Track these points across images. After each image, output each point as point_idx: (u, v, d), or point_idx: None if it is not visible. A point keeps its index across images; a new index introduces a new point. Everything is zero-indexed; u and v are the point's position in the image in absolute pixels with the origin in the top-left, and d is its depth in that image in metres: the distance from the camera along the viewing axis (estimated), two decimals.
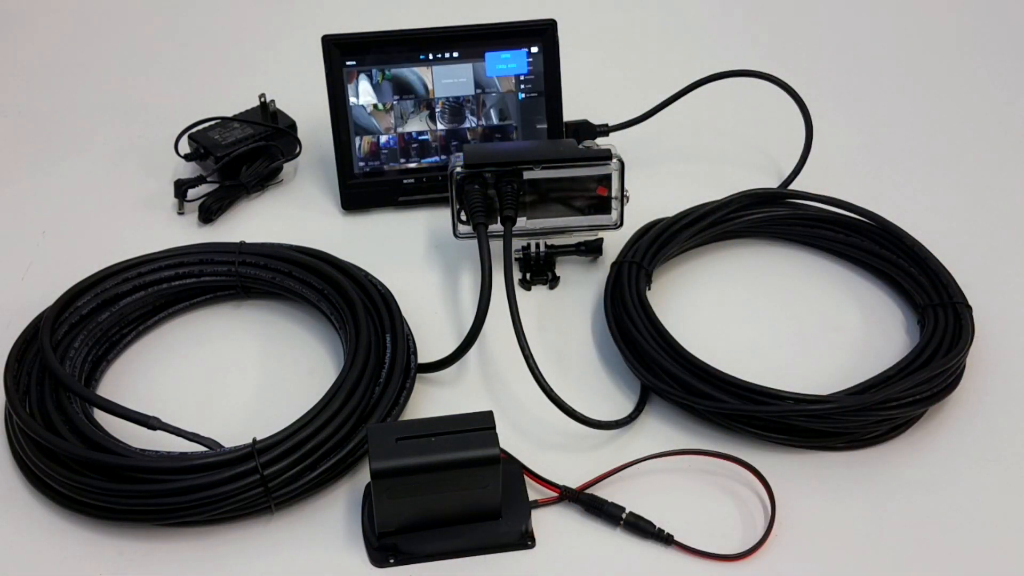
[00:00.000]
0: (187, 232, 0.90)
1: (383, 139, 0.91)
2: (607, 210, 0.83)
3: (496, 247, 0.78)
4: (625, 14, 1.23)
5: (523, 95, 0.91)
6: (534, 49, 0.89)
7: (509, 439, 0.71)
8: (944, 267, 0.81)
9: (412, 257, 0.89)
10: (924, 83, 1.12)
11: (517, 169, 0.80)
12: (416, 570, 0.65)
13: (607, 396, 0.77)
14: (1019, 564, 0.66)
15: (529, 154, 0.81)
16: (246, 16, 1.22)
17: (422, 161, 0.92)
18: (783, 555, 0.65)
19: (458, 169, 0.80)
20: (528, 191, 0.81)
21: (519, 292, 0.79)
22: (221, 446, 0.67)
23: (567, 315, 0.84)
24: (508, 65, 0.89)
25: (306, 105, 0.98)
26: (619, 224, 0.84)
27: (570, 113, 0.92)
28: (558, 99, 0.91)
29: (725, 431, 0.73)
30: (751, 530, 0.67)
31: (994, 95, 1.11)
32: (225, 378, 0.78)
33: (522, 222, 0.82)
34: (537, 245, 0.86)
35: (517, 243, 0.84)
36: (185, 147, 0.94)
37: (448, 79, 0.90)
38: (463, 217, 0.81)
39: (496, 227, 0.80)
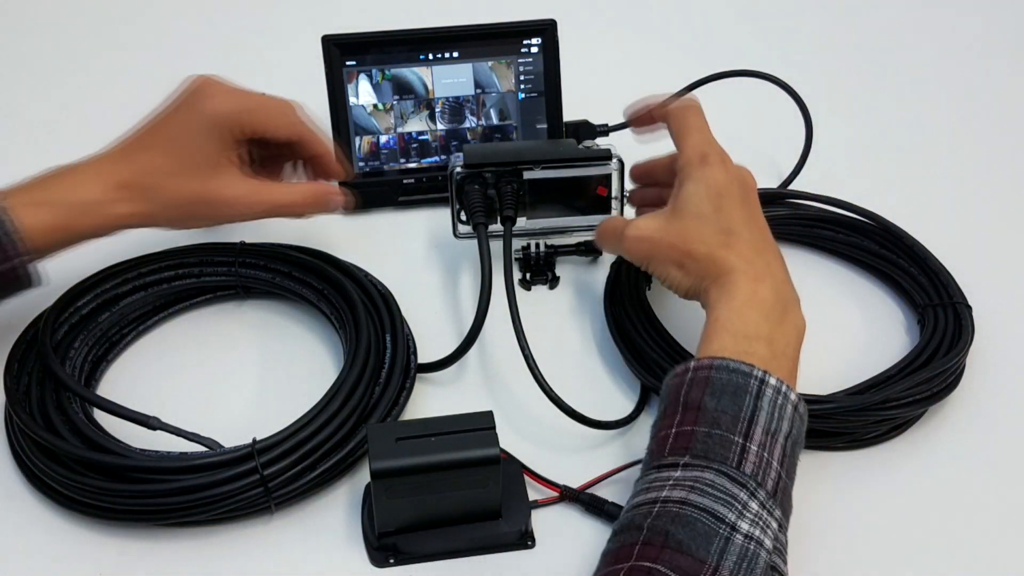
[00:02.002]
0: (187, 232, 0.90)
1: (383, 139, 0.91)
2: (607, 210, 0.83)
3: (496, 247, 0.78)
4: (625, 14, 1.23)
5: (523, 95, 0.91)
6: (534, 49, 0.89)
7: (509, 439, 0.71)
8: (944, 267, 0.81)
9: (412, 257, 0.89)
10: (924, 83, 1.12)
11: (517, 169, 0.80)
12: (416, 570, 0.65)
13: (607, 396, 0.77)
14: (1019, 564, 0.66)
15: (529, 154, 0.81)
16: (246, 16, 1.22)
17: (422, 161, 0.92)
18: None
19: (458, 169, 0.80)
20: (528, 191, 0.81)
21: (519, 292, 0.79)
22: (221, 446, 0.67)
23: (567, 315, 0.84)
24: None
25: (306, 105, 0.98)
26: None
27: (570, 113, 0.92)
28: (558, 99, 0.91)
29: None
30: None
31: (994, 95, 1.11)
32: (225, 378, 0.78)
33: (522, 222, 0.82)
34: (537, 245, 0.86)
35: (517, 243, 0.84)
36: None
37: (448, 79, 0.90)
38: (463, 217, 0.81)
39: (496, 227, 0.80)
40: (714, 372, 0.62)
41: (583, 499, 0.68)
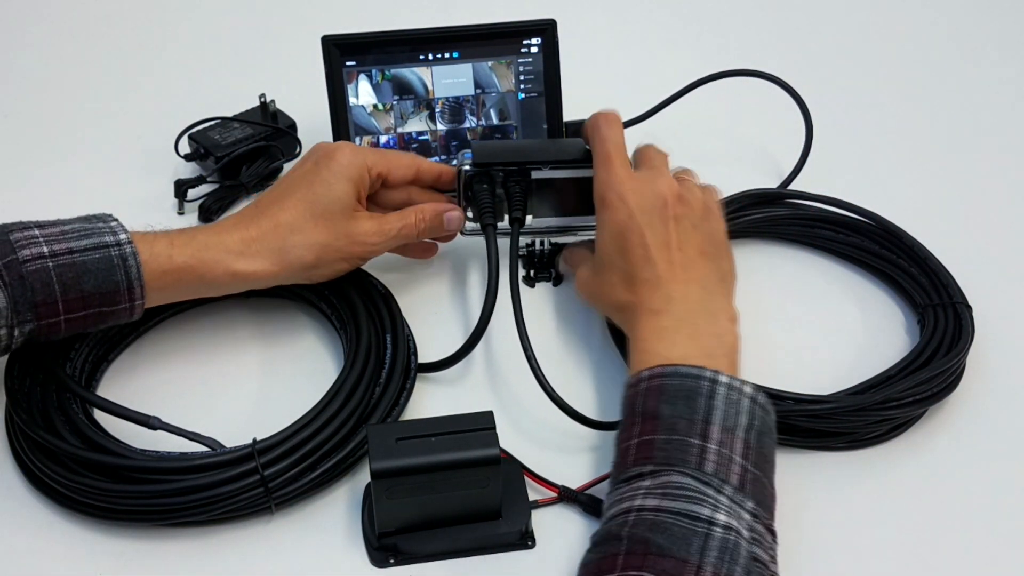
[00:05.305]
0: None
1: (383, 139, 0.91)
2: None
3: (502, 245, 0.78)
4: (625, 14, 1.23)
5: (523, 95, 0.91)
6: (534, 49, 0.89)
7: (510, 439, 0.71)
8: (944, 267, 0.81)
9: None
10: (924, 83, 1.12)
11: (525, 169, 0.80)
12: (416, 570, 0.65)
13: (609, 396, 0.77)
14: (1019, 564, 0.66)
15: (538, 154, 0.81)
16: (246, 16, 1.22)
17: None
18: (781, 555, 0.65)
19: (466, 167, 0.80)
20: (534, 190, 0.81)
21: (522, 289, 0.79)
22: (222, 445, 0.68)
23: (570, 313, 0.84)
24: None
25: (306, 105, 0.98)
26: None
27: (570, 113, 0.92)
28: (558, 99, 0.91)
29: None
30: None
31: (994, 95, 1.11)
32: (225, 378, 0.78)
33: (527, 220, 0.82)
34: (541, 242, 0.86)
35: (521, 240, 0.84)
36: (185, 147, 0.94)
37: (448, 79, 0.90)
38: (470, 215, 0.81)
39: (503, 225, 0.80)
40: (666, 379, 0.63)
41: (583, 499, 0.68)
